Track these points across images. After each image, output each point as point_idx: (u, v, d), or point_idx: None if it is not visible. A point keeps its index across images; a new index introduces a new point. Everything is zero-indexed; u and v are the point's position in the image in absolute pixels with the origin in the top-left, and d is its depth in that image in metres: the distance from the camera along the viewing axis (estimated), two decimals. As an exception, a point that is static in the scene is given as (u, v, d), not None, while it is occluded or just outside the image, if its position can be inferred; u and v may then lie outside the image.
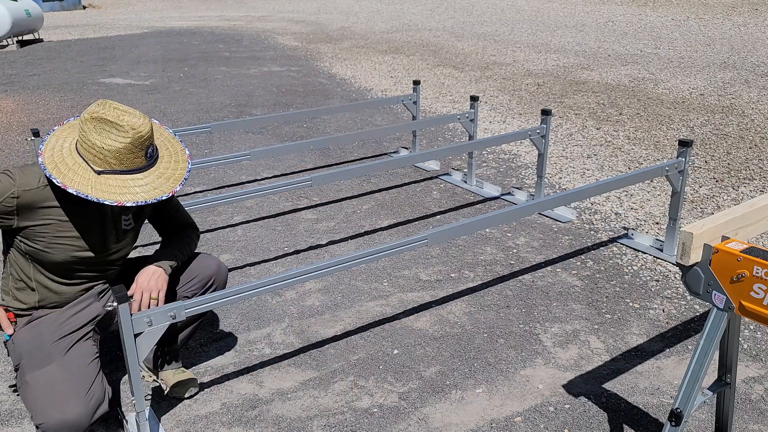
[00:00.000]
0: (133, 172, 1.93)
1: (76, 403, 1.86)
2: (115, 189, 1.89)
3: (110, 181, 1.89)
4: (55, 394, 1.87)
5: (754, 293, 1.53)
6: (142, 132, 1.89)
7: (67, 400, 1.86)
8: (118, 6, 30.56)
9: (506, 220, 2.80)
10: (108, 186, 1.88)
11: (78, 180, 1.87)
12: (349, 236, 3.73)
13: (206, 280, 2.29)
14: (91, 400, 1.89)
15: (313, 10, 23.11)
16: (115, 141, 1.87)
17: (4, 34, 13.42)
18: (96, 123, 1.87)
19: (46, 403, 1.85)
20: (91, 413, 1.88)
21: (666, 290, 3.05)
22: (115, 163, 1.89)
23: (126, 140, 1.87)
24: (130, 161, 1.91)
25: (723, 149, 5.28)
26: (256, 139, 5.90)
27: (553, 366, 2.49)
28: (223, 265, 2.36)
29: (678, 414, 1.72)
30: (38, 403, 1.85)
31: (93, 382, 1.94)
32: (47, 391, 1.88)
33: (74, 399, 1.87)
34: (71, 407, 1.85)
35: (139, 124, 1.89)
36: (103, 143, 1.86)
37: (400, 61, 10.51)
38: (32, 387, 1.89)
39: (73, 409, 1.84)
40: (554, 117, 6.51)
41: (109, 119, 1.86)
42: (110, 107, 1.89)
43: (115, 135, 1.86)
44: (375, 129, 4.38)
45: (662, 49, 10.93)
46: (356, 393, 2.35)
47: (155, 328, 1.92)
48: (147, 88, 8.59)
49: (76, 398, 1.87)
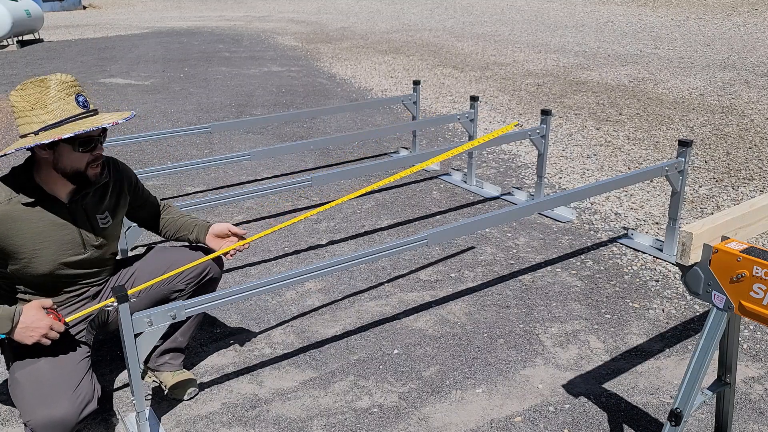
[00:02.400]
0: (71, 120, 1.88)
1: (63, 401, 1.85)
2: (55, 133, 1.85)
3: (52, 133, 1.85)
4: (43, 391, 1.87)
5: (754, 293, 1.53)
6: (62, 78, 1.88)
7: (55, 397, 1.86)
8: (118, 6, 30.56)
9: (506, 220, 2.81)
10: (49, 135, 1.84)
11: (21, 143, 1.85)
12: (349, 236, 3.73)
13: (202, 268, 2.29)
14: (78, 398, 1.88)
15: (313, 10, 23.11)
16: (40, 96, 1.86)
17: (4, 35, 13.42)
18: (20, 89, 1.86)
19: (34, 401, 1.84)
20: (78, 411, 1.87)
21: (666, 290, 3.05)
22: (49, 117, 1.86)
23: (49, 90, 1.86)
24: (63, 110, 1.87)
25: (723, 149, 5.28)
26: (256, 139, 5.90)
27: (553, 366, 2.49)
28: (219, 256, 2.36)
29: (678, 414, 1.72)
30: (26, 400, 1.85)
31: (82, 380, 1.93)
32: (35, 388, 1.87)
33: (62, 396, 1.86)
34: (59, 405, 1.84)
35: (57, 75, 1.89)
36: (31, 103, 1.85)
37: (400, 61, 10.51)
38: (21, 384, 1.89)
39: (61, 407, 1.84)
40: (554, 117, 6.51)
41: (30, 81, 1.87)
42: (28, 81, 1.89)
43: (39, 88, 1.86)
44: (375, 129, 4.39)
45: (662, 49, 10.93)
46: (356, 393, 2.35)
47: (155, 328, 1.92)
48: (147, 88, 8.59)
49: (63, 396, 1.86)
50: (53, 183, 1.97)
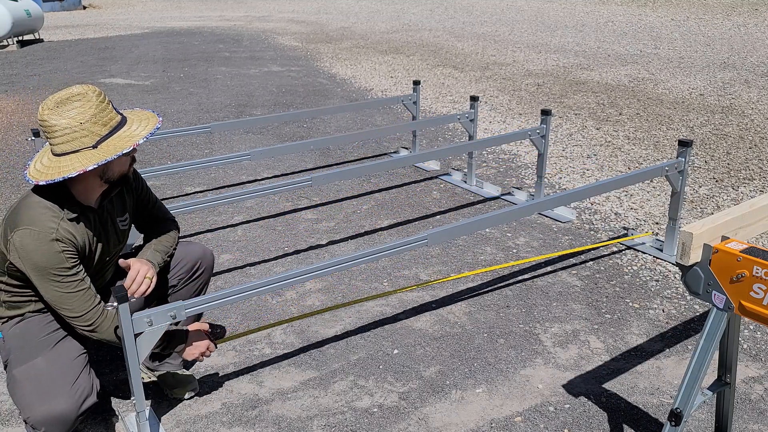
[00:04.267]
0: (118, 129, 1.89)
1: (62, 396, 1.85)
2: (118, 144, 1.85)
3: (110, 143, 1.85)
4: (41, 387, 1.87)
5: (754, 293, 1.53)
6: (96, 90, 1.87)
7: (53, 393, 1.86)
8: (118, 6, 30.56)
9: (506, 220, 2.81)
10: (112, 146, 1.85)
11: (84, 159, 1.81)
12: (349, 236, 3.73)
13: (193, 263, 2.29)
14: (77, 393, 1.88)
15: (313, 10, 23.11)
16: (85, 109, 1.82)
17: (4, 35, 13.42)
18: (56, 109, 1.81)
19: (33, 397, 1.84)
20: (77, 406, 1.87)
21: (666, 290, 3.05)
22: (102, 130, 1.84)
23: (92, 102, 1.84)
24: (109, 119, 1.87)
25: (723, 149, 5.28)
26: (257, 139, 5.90)
27: (553, 366, 2.49)
28: (209, 250, 2.38)
29: (678, 414, 1.72)
30: (25, 397, 1.85)
31: (79, 375, 1.93)
32: (33, 384, 1.87)
33: (60, 392, 1.86)
34: (57, 400, 1.84)
35: (86, 87, 1.87)
36: (78, 119, 1.81)
37: (400, 61, 10.51)
38: (19, 381, 1.89)
39: (59, 402, 1.84)
40: (554, 117, 6.51)
41: (64, 98, 1.82)
42: (51, 97, 1.86)
43: (80, 105, 1.82)
44: (375, 129, 4.38)
45: (662, 49, 10.93)
46: (356, 393, 2.35)
47: (155, 328, 1.92)
48: (147, 88, 8.59)
49: (62, 391, 1.86)
50: (90, 192, 1.95)
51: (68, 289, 1.86)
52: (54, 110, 1.81)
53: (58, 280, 1.84)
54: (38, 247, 1.80)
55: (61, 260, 1.82)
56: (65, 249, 1.84)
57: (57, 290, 1.85)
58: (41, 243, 1.80)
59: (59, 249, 1.82)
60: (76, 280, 1.87)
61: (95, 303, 1.92)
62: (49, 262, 1.81)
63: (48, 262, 1.81)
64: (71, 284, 1.86)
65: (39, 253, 1.80)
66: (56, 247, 1.82)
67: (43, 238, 1.80)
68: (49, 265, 1.81)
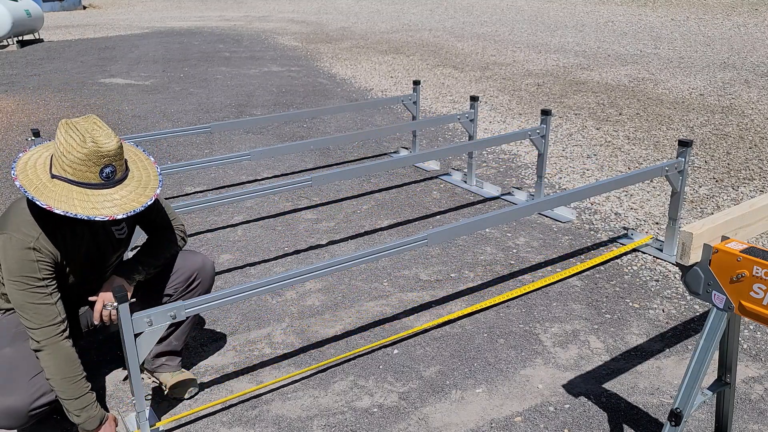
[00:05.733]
0: (83, 186, 1.83)
1: (17, 389, 1.86)
2: (85, 205, 1.82)
3: (70, 192, 1.82)
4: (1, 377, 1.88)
5: (754, 293, 1.53)
6: (102, 149, 1.81)
7: (11, 384, 1.86)
8: (118, 6, 30.56)
9: (506, 220, 2.80)
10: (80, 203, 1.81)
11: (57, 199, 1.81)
12: (349, 236, 3.73)
13: (189, 274, 2.28)
14: (33, 387, 1.88)
15: (313, 10, 23.11)
16: (74, 149, 1.80)
17: (4, 35, 13.42)
18: (68, 128, 1.83)
19: None
20: (30, 401, 1.87)
21: (666, 290, 3.05)
22: (69, 171, 1.82)
23: (83, 150, 1.80)
24: (81, 174, 1.82)
25: (723, 149, 5.28)
26: (257, 139, 5.90)
27: (553, 366, 2.49)
28: (209, 261, 2.35)
29: (678, 414, 1.72)
30: None
31: (42, 371, 1.92)
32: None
33: (16, 385, 1.87)
34: (12, 392, 1.85)
35: (102, 141, 1.81)
36: (65, 147, 1.81)
37: (400, 61, 10.51)
38: None
39: (13, 395, 1.84)
40: (554, 117, 6.51)
41: (79, 129, 1.82)
42: (90, 121, 1.86)
43: (76, 143, 1.80)
44: (375, 129, 4.38)
45: (662, 49, 10.93)
46: (356, 393, 2.35)
47: (155, 328, 1.92)
48: (147, 88, 8.59)
49: (18, 384, 1.87)
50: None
51: (32, 299, 1.86)
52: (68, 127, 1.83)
53: (23, 289, 1.85)
54: (14, 254, 1.84)
55: (33, 269, 1.85)
56: (40, 259, 1.86)
57: (21, 296, 1.86)
58: (18, 249, 1.84)
59: (34, 258, 1.85)
60: (43, 293, 1.88)
61: (53, 322, 1.88)
62: (21, 268, 1.84)
63: (21, 269, 1.84)
64: (36, 295, 1.87)
65: (14, 259, 1.84)
66: (32, 256, 1.85)
67: (20, 246, 1.84)
68: (21, 271, 1.84)
